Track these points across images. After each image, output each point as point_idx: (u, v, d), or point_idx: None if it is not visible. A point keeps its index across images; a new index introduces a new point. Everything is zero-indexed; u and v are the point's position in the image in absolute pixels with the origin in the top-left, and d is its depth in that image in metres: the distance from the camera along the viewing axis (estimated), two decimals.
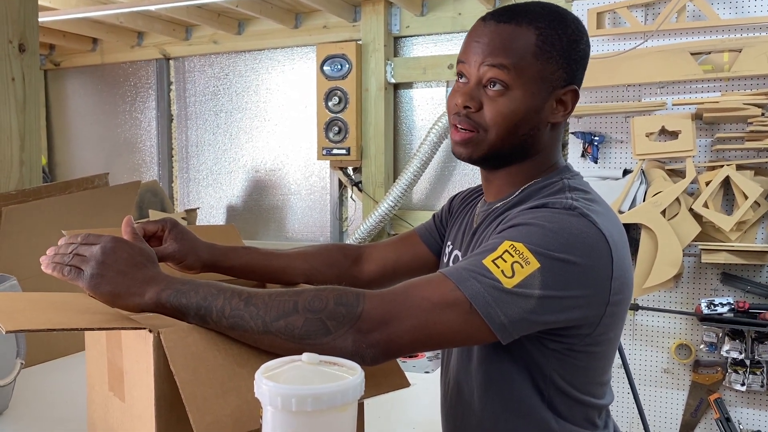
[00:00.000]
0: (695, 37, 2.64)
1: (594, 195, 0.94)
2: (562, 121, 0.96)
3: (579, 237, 0.83)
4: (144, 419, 0.80)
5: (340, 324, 0.76)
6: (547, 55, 0.92)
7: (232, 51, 4.22)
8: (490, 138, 0.94)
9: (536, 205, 0.89)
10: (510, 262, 0.80)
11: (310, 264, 1.14)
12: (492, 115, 0.92)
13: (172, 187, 4.54)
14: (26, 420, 1.25)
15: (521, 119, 0.92)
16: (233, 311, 0.77)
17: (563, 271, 0.81)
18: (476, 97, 0.93)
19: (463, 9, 3.50)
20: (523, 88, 0.92)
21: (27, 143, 1.89)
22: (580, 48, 0.95)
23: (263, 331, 0.77)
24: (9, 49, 1.83)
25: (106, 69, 4.69)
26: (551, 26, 0.93)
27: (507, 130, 0.93)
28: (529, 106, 0.92)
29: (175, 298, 0.80)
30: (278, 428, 0.59)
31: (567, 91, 0.95)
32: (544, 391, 0.91)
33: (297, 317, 0.76)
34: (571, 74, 0.95)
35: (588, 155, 2.83)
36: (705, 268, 2.66)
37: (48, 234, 1.55)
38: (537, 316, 0.81)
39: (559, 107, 0.95)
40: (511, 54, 0.91)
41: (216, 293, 0.79)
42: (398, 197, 3.48)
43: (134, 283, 0.81)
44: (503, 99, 0.92)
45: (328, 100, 3.71)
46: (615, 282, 0.86)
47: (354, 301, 0.78)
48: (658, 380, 2.78)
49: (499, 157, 0.96)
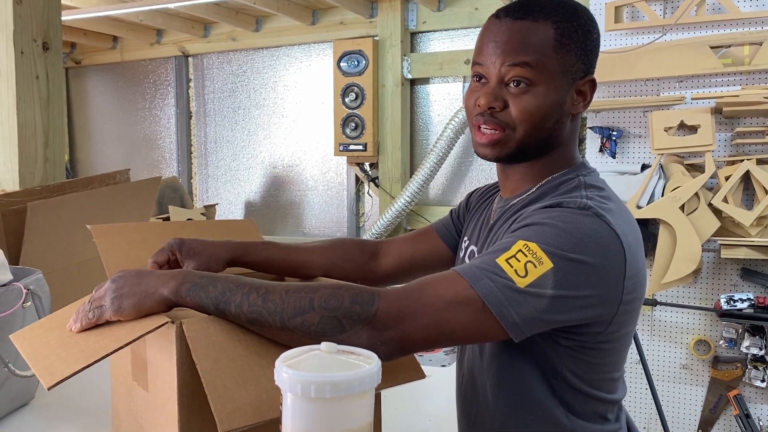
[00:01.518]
0: (715, 31, 2.61)
1: (609, 192, 0.94)
2: (582, 111, 0.97)
3: (592, 237, 0.83)
4: (167, 408, 0.82)
5: (355, 322, 0.78)
6: (566, 48, 0.92)
7: (249, 48, 4.25)
8: (518, 136, 0.94)
9: (550, 204, 0.89)
10: (523, 262, 0.81)
11: (328, 258, 1.15)
12: (518, 113, 0.92)
13: (192, 183, 4.58)
14: (52, 410, 1.28)
15: (547, 114, 0.93)
16: (251, 307, 0.79)
17: (576, 271, 0.81)
18: (500, 96, 0.93)
19: (479, 4, 3.49)
20: (546, 84, 0.92)
21: (51, 140, 1.93)
22: (593, 38, 0.96)
23: (280, 327, 0.78)
24: (33, 48, 1.86)
25: (126, 66, 4.75)
26: (566, 18, 0.93)
27: (534, 126, 0.93)
28: (554, 100, 0.93)
29: (194, 293, 0.81)
30: (298, 415, 0.60)
31: (586, 82, 0.96)
32: (555, 387, 0.92)
33: (313, 314, 0.78)
34: (588, 64, 0.96)
35: (606, 150, 2.81)
36: (724, 264, 2.64)
37: (71, 228, 1.58)
38: (549, 315, 0.81)
39: (579, 98, 0.96)
40: (531, 51, 0.91)
41: (234, 288, 0.80)
42: (415, 193, 3.49)
43: (151, 284, 0.82)
44: (528, 96, 0.92)
45: (344, 96, 3.73)
46: (628, 282, 0.86)
47: (369, 300, 0.79)
48: (677, 376, 2.76)
49: (524, 152, 0.96)
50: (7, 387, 1.21)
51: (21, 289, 1.22)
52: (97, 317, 0.83)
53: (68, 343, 0.83)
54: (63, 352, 0.81)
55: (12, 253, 1.49)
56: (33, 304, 1.25)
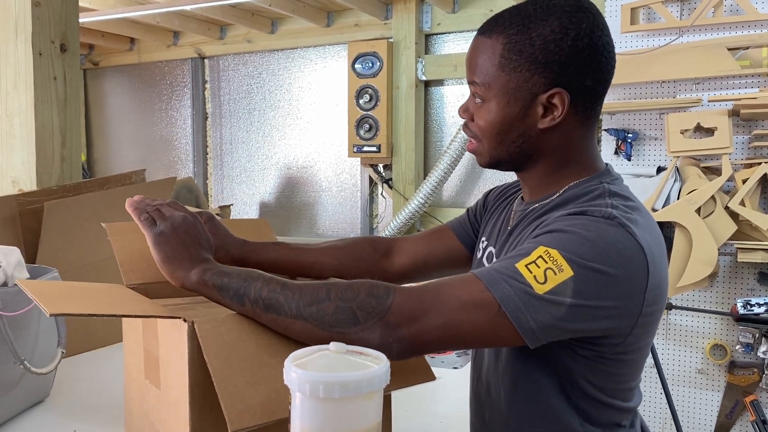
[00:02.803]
0: (733, 32, 2.58)
1: (635, 202, 0.91)
2: (552, 125, 0.91)
3: (615, 247, 0.82)
4: (178, 406, 0.83)
5: (369, 315, 0.78)
6: (514, 64, 0.90)
7: (265, 50, 4.27)
8: (485, 146, 0.97)
9: (575, 212, 0.87)
10: (543, 268, 0.80)
11: (338, 259, 1.15)
12: (478, 125, 0.96)
13: (207, 184, 4.61)
14: (66, 407, 1.30)
15: (503, 129, 0.93)
16: (270, 293, 0.81)
17: (596, 281, 0.80)
18: (468, 109, 0.98)
19: (494, 6, 3.49)
20: (495, 100, 0.92)
21: (68, 140, 1.95)
22: (563, 47, 0.88)
23: (296, 314, 0.79)
24: (51, 49, 1.89)
25: (143, 68, 4.79)
26: (522, 31, 0.90)
27: (494, 138, 0.95)
28: (507, 115, 0.92)
29: (217, 277, 0.85)
30: (306, 414, 0.60)
31: (553, 94, 0.90)
32: (570, 395, 0.91)
33: (329, 304, 0.79)
34: (553, 77, 0.89)
35: (621, 152, 2.80)
36: (741, 268, 2.61)
37: (87, 228, 1.60)
38: (566, 323, 0.80)
39: (548, 112, 0.91)
40: (477, 69, 0.93)
41: (256, 277, 0.84)
42: (428, 194, 3.48)
43: (188, 258, 0.88)
44: (482, 110, 0.95)
45: (359, 98, 3.73)
46: (649, 294, 0.85)
47: (384, 294, 0.79)
48: (692, 381, 2.74)
49: (505, 163, 0.98)
50: (23, 384, 1.22)
51: None
52: (144, 225, 0.92)
53: (79, 297, 0.88)
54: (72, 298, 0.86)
55: (29, 252, 1.51)
56: None
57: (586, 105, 0.93)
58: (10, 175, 1.90)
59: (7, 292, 1.16)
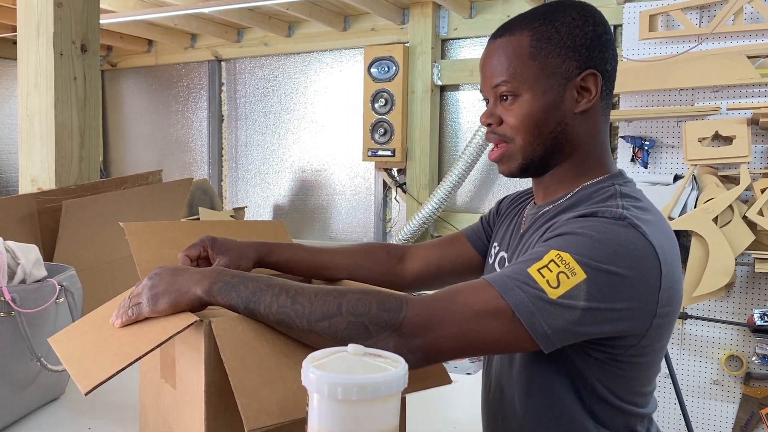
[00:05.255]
0: (753, 40, 2.56)
1: (646, 203, 0.91)
2: (589, 107, 0.95)
3: (627, 248, 0.81)
4: (194, 405, 0.83)
5: (382, 329, 0.77)
6: (545, 52, 0.93)
7: (281, 53, 4.29)
8: (518, 145, 0.96)
9: (585, 214, 0.87)
10: (556, 272, 0.79)
11: (353, 260, 1.15)
12: (512, 123, 0.95)
13: (222, 186, 4.63)
14: (81, 406, 1.30)
15: (541, 118, 0.94)
16: (279, 308, 0.79)
17: (609, 283, 0.80)
18: (494, 113, 0.97)
19: (511, 11, 3.48)
20: (530, 91, 0.93)
21: (86, 140, 1.97)
22: (587, 31, 0.94)
23: (308, 330, 0.78)
24: (72, 50, 1.90)
25: (160, 70, 4.83)
26: (546, 23, 0.94)
27: (530, 132, 0.94)
28: (545, 103, 0.93)
29: (225, 292, 0.82)
30: (324, 416, 0.60)
31: (585, 76, 0.94)
32: (585, 399, 0.90)
33: (340, 319, 0.77)
34: (583, 60, 0.93)
35: (638, 160, 2.78)
36: (759, 278, 2.58)
37: (105, 227, 1.61)
38: (581, 327, 0.80)
39: (582, 94, 0.95)
40: (507, 66, 0.94)
41: (265, 288, 0.81)
42: (442, 199, 3.48)
43: (185, 283, 0.83)
44: (514, 107, 0.95)
45: (374, 102, 3.74)
46: (663, 294, 0.84)
47: (397, 307, 0.78)
48: (707, 392, 2.71)
49: (536, 162, 0.97)
50: (39, 381, 1.23)
51: (55, 285, 1.24)
52: (136, 314, 0.85)
53: (102, 346, 0.85)
54: (98, 356, 0.83)
55: (47, 250, 1.52)
56: (66, 300, 1.27)
57: (609, 90, 0.97)
58: (30, 173, 1.92)
59: (25, 289, 1.17)
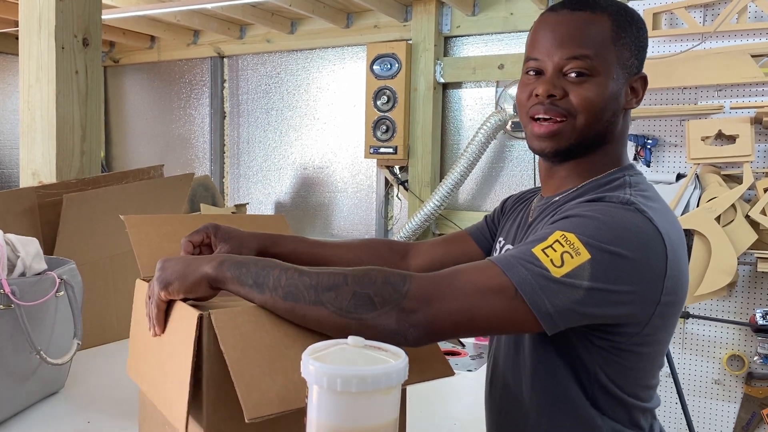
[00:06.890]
0: (756, 39, 2.55)
1: (653, 194, 0.92)
2: (635, 107, 0.97)
3: (633, 231, 0.81)
4: (193, 398, 0.82)
5: (386, 301, 0.77)
6: (623, 41, 0.93)
7: (284, 50, 4.28)
8: (578, 125, 0.92)
9: (592, 199, 0.88)
10: (560, 252, 0.79)
11: (356, 254, 1.15)
12: (579, 100, 0.91)
13: (223, 183, 4.63)
14: (81, 399, 1.30)
15: (605, 105, 0.93)
16: (288, 280, 0.80)
17: (614, 265, 0.79)
18: (559, 85, 0.92)
19: (515, 9, 3.47)
20: (605, 74, 0.92)
21: (88, 134, 1.96)
22: (644, 35, 0.97)
23: (315, 300, 0.78)
24: (74, 43, 1.90)
25: (163, 66, 4.83)
26: (621, 13, 0.94)
27: (594, 115, 0.92)
28: (612, 91, 0.93)
29: (235, 267, 0.82)
30: (323, 408, 0.60)
31: (638, 78, 0.96)
32: (588, 388, 0.90)
33: (346, 289, 0.78)
34: (640, 61, 0.96)
35: (640, 158, 2.77)
36: (761, 277, 2.57)
37: (106, 221, 1.61)
38: (584, 307, 0.79)
39: (632, 94, 0.96)
40: (591, 42, 0.92)
41: (273, 265, 0.82)
42: (444, 197, 3.47)
43: (194, 264, 0.85)
44: (588, 84, 0.91)
45: (376, 99, 3.73)
46: (668, 281, 0.84)
47: (400, 281, 0.79)
48: (709, 391, 2.70)
49: (584, 146, 0.95)
50: (39, 374, 1.23)
51: (54, 279, 1.24)
52: (156, 307, 0.87)
53: None
54: None
55: (47, 243, 1.52)
56: (65, 294, 1.27)
57: None
58: (31, 167, 1.92)
59: (24, 281, 1.17)
